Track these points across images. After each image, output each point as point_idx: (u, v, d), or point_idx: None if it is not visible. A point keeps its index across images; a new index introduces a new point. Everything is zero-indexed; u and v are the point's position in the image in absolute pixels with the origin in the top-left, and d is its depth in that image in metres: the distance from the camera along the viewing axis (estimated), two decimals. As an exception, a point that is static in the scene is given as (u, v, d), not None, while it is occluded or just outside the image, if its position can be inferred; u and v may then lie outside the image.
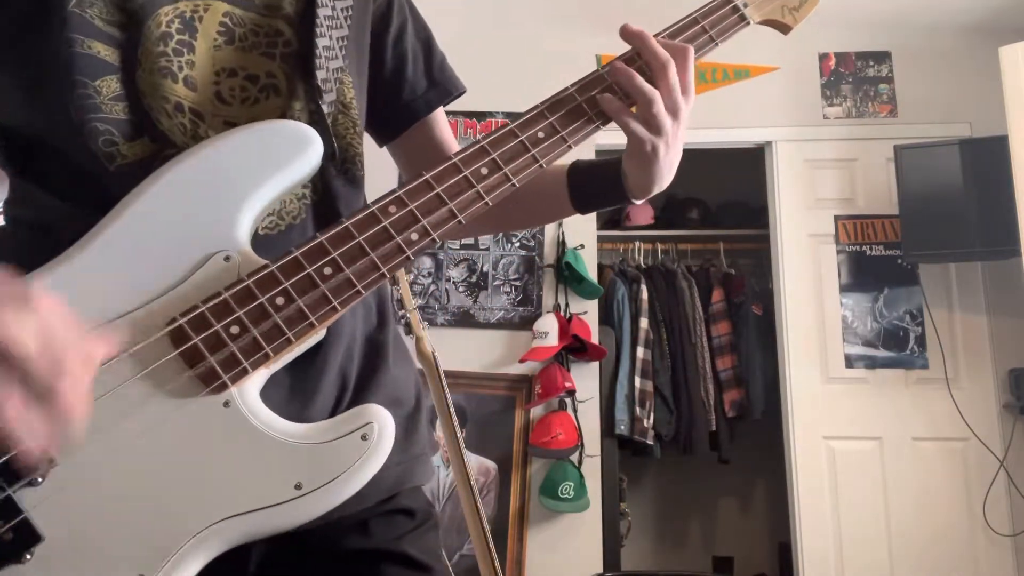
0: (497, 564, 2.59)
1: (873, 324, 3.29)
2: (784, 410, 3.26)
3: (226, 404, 0.60)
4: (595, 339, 3.21)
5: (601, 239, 3.59)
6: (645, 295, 3.54)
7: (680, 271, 3.71)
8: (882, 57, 3.50)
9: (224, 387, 0.60)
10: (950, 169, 3.08)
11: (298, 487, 0.59)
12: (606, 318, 3.44)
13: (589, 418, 3.15)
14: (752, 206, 3.92)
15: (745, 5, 0.85)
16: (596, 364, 3.23)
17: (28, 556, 0.53)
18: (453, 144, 0.97)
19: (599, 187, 0.87)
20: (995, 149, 2.93)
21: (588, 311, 3.25)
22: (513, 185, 0.72)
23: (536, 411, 3.13)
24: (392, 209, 0.67)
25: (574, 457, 3.03)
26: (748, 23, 0.85)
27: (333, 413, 0.72)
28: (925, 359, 3.23)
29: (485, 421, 3.11)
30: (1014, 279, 3.08)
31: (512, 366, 3.18)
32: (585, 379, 3.17)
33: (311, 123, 0.71)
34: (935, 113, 3.40)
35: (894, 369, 3.24)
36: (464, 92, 0.97)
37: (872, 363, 3.25)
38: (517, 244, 3.34)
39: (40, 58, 0.66)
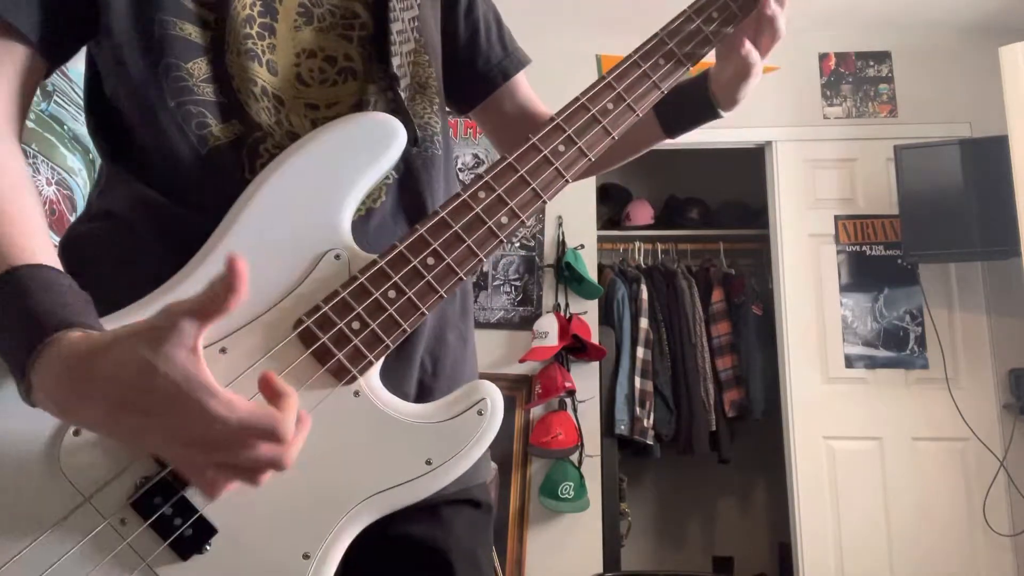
0: (497, 564, 2.59)
1: (873, 324, 3.29)
2: (784, 410, 3.26)
3: (356, 394, 0.65)
4: (595, 339, 3.21)
5: (601, 239, 3.59)
6: (645, 295, 3.54)
7: (680, 271, 3.71)
8: (882, 57, 3.50)
9: (353, 379, 0.65)
10: (950, 169, 3.08)
11: (428, 462, 0.65)
12: (606, 318, 3.44)
13: (589, 418, 3.15)
14: (752, 206, 3.92)
15: None
16: (596, 364, 3.23)
17: (207, 547, 0.59)
18: (536, 102, 1.00)
19: (691, 108, 0.90)
20: (995, 149, 2.93)
21: (588, 311, 3.25)
22: (589, 160, 0.75)
23: (536, 411, 3.13)
24: (481, 195, 0.70)
25: (574, 457, 3.03)
26: None
27: (420, 385, 0.77)
28: (925, 359, 3.23)
29: (485, 421, 3.11)
30: (1014, 279, 3.08)
31: (512, 366, 3.18)
32: (585, 379, 3.17)
33: (391, 111, 0.74)
34: (935, 113, 3.40)
35: (894, 369, 3.24)
36: (530, 62, 0.99)
37: (872, 363, 3.25)
38: (517, 244, 3.34)
39: (135, 38, 0.69)
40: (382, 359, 0.66)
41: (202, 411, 0.50)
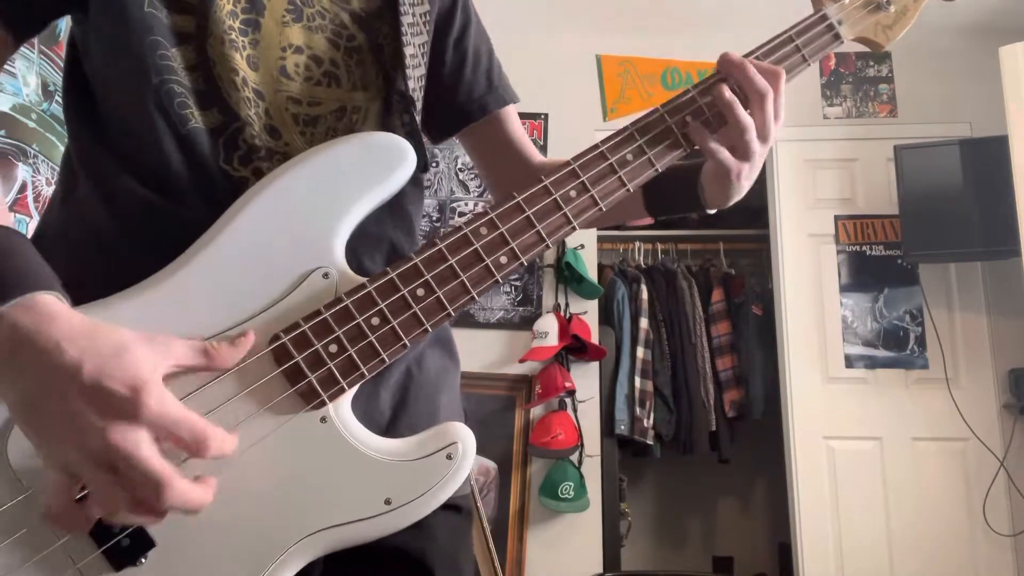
0: (497, 564, 2.59)
1: (873, 324, 3.29)
2: (784, 410, 3.26)
3: (323, 420, 0.62)
4: (595, 339, 3.21)
5: (601, 239, 3.58)
6: (645, 295, 3.54)
7: (680, 271, 3.71)
8: (882, 57, 3.50)
9: (322, 404, 0.62)
10: (950, 169, 3.08)
11: (388, 502, 0.62)
12: (606, 318, 3.44)
13: (589, 418, 3.15)
14: (752, 206, 3.92)
15: (840, 23, 0.84)
16: (596, 364, 3.23)
17: (143, 560, 0.57)
18: (524, 142, 0.97)
19: (675, 196, 0.88)
20: (995, 149, 2.93)
21: (588, 311, 3.25)
22: (600, 209, 0.72)
23: (536, 411, 3.13)
24: (483, 231, 0.67)
25: (574, 457, 3.03)
26: (842, 41, 0.85)
27: (403, 391, 0.75)
28: (925, 359, 3.23)
29: (485, 421, 3.11)
30: (1014, 279, 3.08)
31: (512, 366, 3.18)
32: (585, 379, 3.17)
33: (406, 134, 0.72)
34: (935, 113, 3.40)
35: (894, 369, 3.24)
36: (517, 102, 0.97)
37: (872, 363, 3.25)
38: (517, 244, 3.34)
39: (123, 19, 0.68)
40: (356, 387, 0.64)
41: (149, 386, 0.50)
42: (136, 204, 0.68)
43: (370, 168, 0.67)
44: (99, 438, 0.49)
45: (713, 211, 0.86)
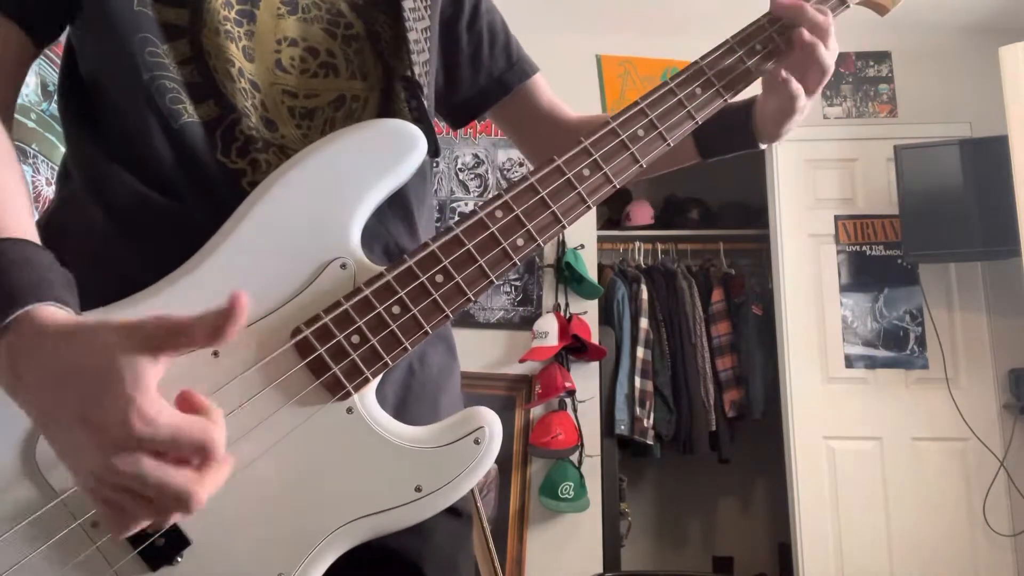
0: (497, 564, 2.59)
1: (873, 324, 3.29)
2: (784, 410, 3.26)
3: (349, 411, 0.63)
4: (595, 339, 3.21)
5: (601, 239, 3.59)
6: (645, 295, 3.54)
7: (680, 271, 3.71)
8: (882, 57, 3.50)
9: (348, 395, 0.62)
10: (950, 169, 3.08)
11: (418, 489, 0.62)
12: (606, 318, 3.44)
13: (589, 418, 3.15)
14: (752, 206, 3.92)
15: None
16: (596, 364, 3.23)
17: (179, 559, 0.57)
18: (555, 106, 0.97)
19: (729, 134, 0.89)
20: (995, 149, 2.93)
21: (588, 311, 3.25)
22: (614, 186, 0.73)
23: (536, 411, 3.13)
24: (499, 214, 0.68)
25: (574, 457, 3.03)
26: (848, 6, 0.85)
27: (397, 409, 0.73)
28: (925, 359, 3.23)
29: (485, 421, 3.11)
30: (1014, 279, 3.08)
31: (512, 366, 3.18)
32: (585, 379, 3.17)
33: (415, 120, 0.72)
34: (935, 113, 3.40)
35: (894, 369, 3.24)
36: (538, 71, 0.97)
37: (872, 363, 3.25)
38: (517, 244, 3.34)
39: (114, 19, 0.68)
40: (379, 377, 0.64)
41: (133, 406, 0.48)
42: (134, 201, 0.68)
43: (381, 155, 0.67)
44: (104, 467, 0.49)
45: (764, 146, 0.88)
